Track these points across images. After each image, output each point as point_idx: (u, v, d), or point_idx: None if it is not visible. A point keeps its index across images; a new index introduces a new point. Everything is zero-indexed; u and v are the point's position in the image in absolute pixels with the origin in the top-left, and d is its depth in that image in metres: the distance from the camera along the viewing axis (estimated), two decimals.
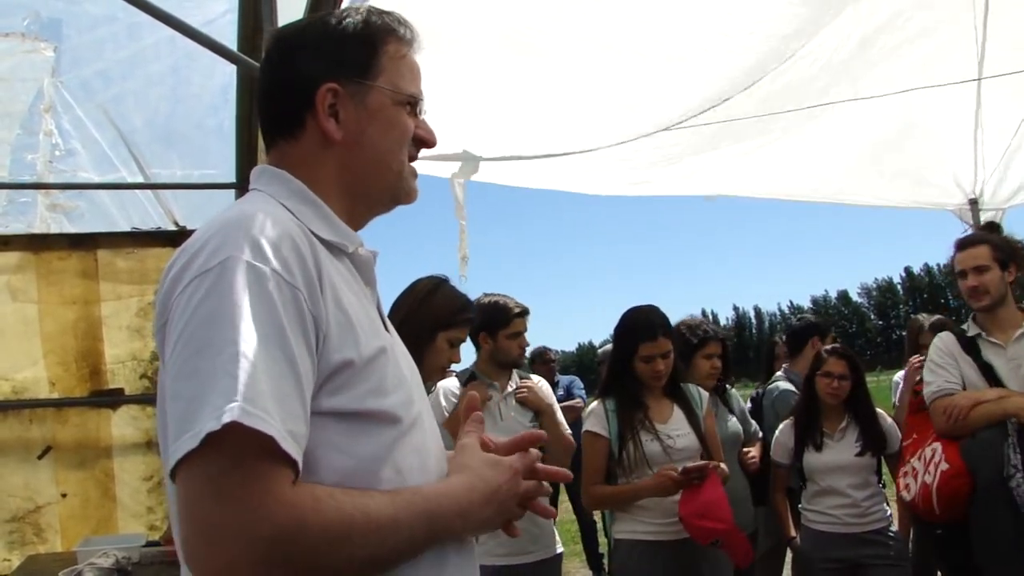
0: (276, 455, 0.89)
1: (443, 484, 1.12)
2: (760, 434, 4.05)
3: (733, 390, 4.05)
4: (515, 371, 3.47)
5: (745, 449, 3.73)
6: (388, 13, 1.22)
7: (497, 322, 3.31)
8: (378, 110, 1.18)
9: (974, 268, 3.10)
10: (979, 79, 3.91)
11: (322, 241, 1.10)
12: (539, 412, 3.31)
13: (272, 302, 0.94)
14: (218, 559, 0.86)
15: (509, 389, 3.37)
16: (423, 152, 1.27)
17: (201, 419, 0.86)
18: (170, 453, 0.89)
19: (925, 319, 4.56)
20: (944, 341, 3.19)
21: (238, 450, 0.86)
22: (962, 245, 3.22)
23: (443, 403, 3.24)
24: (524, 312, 3.40)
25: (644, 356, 3.13)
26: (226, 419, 0.85)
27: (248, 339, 0.90)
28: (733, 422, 3.78)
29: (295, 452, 0.91)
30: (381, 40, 1.19)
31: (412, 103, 1.22)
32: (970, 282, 3.10)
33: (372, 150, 1.19)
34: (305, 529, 0.89)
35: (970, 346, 3.10)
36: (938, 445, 3.01)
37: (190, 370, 0.91)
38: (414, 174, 1.25)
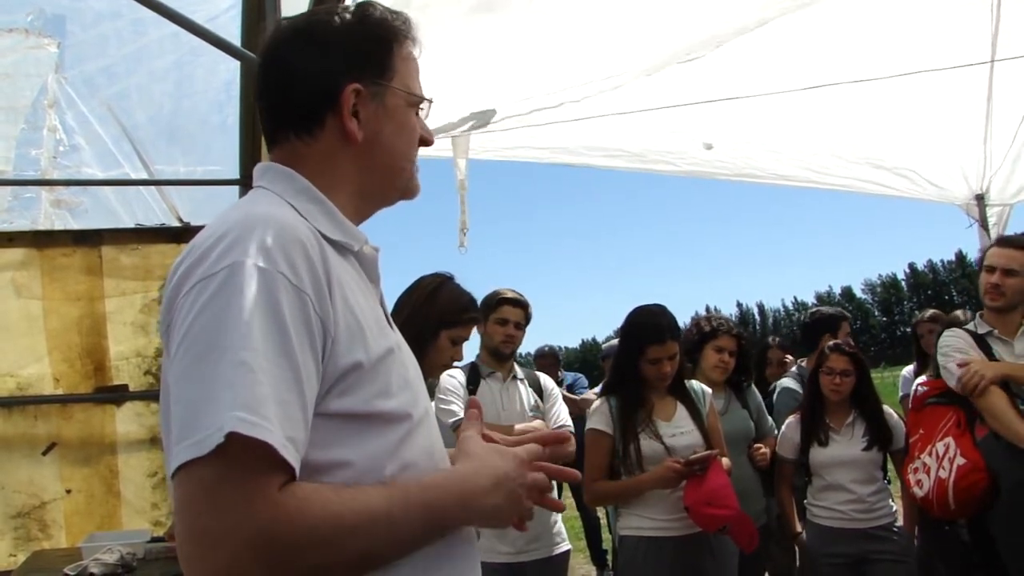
0: (272, 461, 0.89)
1: (442, 473, 1.11)
2: (776, 431, 4.03)
3: (753, 388, 4.03)
4: (516, 364, 3.48)
5: (756, 445, 3.72)
6: (398, 13, 1.22)
7: (487, 307, 3.37)
8: (394, 111, 1.19)
9: (1005, 269, 3.11)
10: (992, 61, 3.83)
11: (329, 240, 1.09)
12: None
13: (278, 307, 0.94)
14: (209, 563, 0.87)
15: (513, 376, 3.40)
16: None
17: (202, 427, 0.87)
18: (171, 456, 0.90)
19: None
20: (957, 334, 3.19)
21: (234, 458, 0.87)
22: (1003, 242, 3.24)
23: (443, 397, 3.25)
24: (515, 302, 3.41)
25: (651, 359, 3.12)
26: (227, 429, 0.86)
27: (251, 345, 0.91)
28: (744, 418, 3.77)
29: (293, 459, 0.91)
30: (397, 41, 1.20)
31: (419, 104, 1.23)
32: (994, 279, 3.12)
33: (388, 151, 1.20)
34: (291, 529, 0.88)
35: (982, 343, 3.11)
36: (950, 440, 3.00)
37: (193, 375, 0.91)
38: (417, 170, 1.26)
